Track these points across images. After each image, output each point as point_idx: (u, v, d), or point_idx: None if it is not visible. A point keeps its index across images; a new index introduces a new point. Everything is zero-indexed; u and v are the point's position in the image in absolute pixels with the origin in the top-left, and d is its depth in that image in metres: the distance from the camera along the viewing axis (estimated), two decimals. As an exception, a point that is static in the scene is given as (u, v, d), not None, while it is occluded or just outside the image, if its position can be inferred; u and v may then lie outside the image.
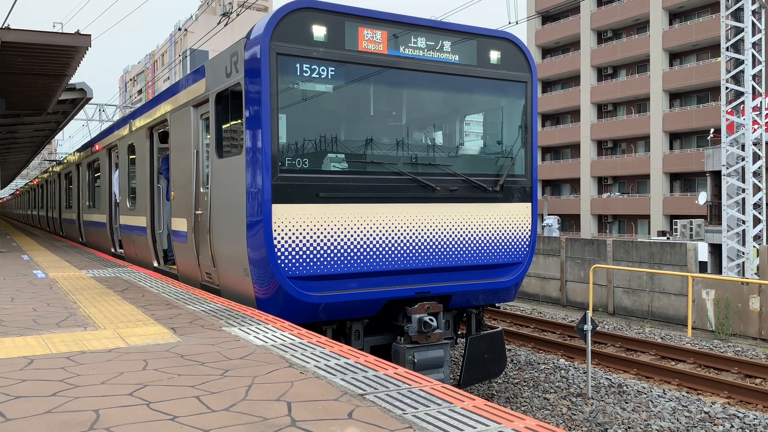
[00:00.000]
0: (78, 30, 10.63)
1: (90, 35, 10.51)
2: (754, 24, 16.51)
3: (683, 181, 46.95)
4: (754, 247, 16.51)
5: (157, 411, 3.15)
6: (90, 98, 16.20)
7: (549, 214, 46.30)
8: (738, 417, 8.47)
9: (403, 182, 7.25)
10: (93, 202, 15.82)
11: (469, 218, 7.74)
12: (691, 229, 31.40)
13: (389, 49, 7.18)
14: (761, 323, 14.86)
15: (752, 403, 9.41)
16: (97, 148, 15.08)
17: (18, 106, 15.31)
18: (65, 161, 21.52)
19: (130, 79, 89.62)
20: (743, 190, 16.57)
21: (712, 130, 32.63)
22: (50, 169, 27.00)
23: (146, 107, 10.83)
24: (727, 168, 16.89)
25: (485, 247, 7.89)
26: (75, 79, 14.70)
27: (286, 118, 6.70)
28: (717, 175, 21.05)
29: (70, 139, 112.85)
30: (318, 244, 6.73)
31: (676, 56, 47.85)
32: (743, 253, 16.48)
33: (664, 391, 9.62)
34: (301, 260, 6.64)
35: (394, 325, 7.54)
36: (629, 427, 8.27)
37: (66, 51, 10.88)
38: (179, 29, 67.29)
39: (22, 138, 23.45)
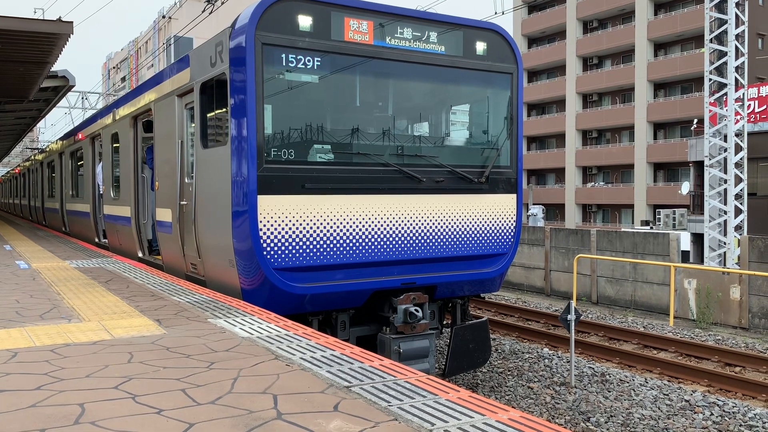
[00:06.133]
0: (60, 17, 10.47)
1: (72, 22, 10.35)
2: (737, 16, 16.62)
3: (667, 171, 47.37)
4: (735, 237, 16.70)
5: (142, 404, 3.15)
6: (72, 86, 15.98)
7: (534, 204, 46.55)
8: (718, 405, 8.61)
9: (389, 173, 7.25)
10: (76, 192, 15.66)
11: (455, 209, 7.77)
12: (674, 219, 31.69)
13: (375, 39, 7.16)
14: (741, 312, 15.08)
15: (732, 391, 9.56)
16: (80, 136, 14.91)
17: (-2, 93, 15.09)
18: (48, 149, 21.27)
19: (114, 67, 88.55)
20: (725, 181, 16.74)
21: (695, 121, 32.90)
22: (32, 157, 26.66)
23: (130, 96, 10.72)
24: (710, 159, 17.05)
25: (470, 238, 7.93)
26: (57, 67, 14.49)
27: (272, 108, 6.67)
28: (700, 166, 21.22)
29: (52, 127, 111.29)
30: (304, 235, 6.72)
31: (660, 47, 48.13)
32: (725, 243, 16.68)
33: (645, 379, 9.75)
34: (286, 251, 6.63)
35: (380, 315, 7.56)
36: (611, 416, 8.38)
37: (47, 38, 10.72)
38: (163, 16, 66.49)
39: (2, 126, 23.13)
